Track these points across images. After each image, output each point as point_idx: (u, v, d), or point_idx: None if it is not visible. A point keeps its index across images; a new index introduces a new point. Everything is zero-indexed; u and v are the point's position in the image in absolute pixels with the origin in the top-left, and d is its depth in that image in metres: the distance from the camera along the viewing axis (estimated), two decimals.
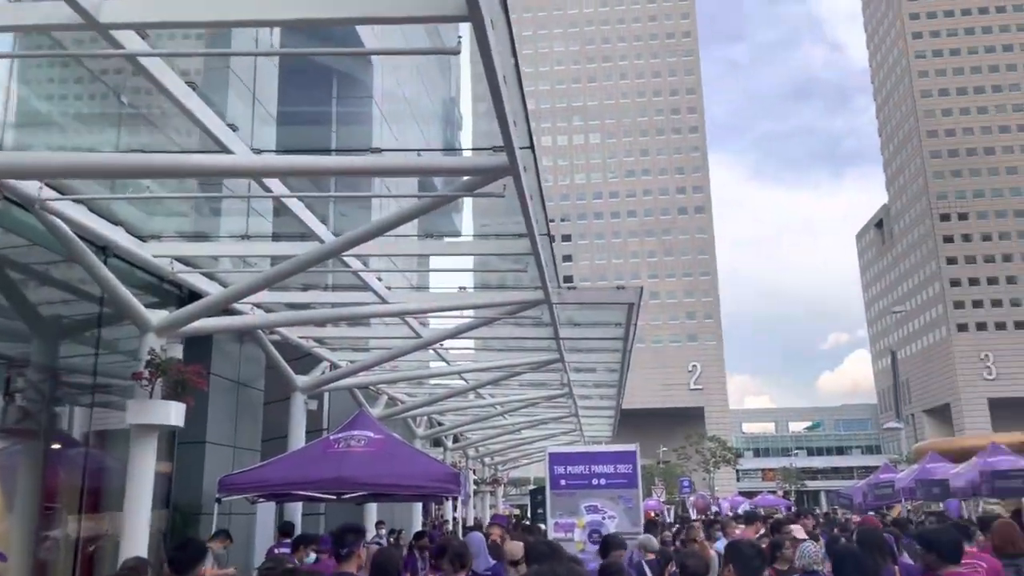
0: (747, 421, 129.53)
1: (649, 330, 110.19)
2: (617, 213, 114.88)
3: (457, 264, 9.16)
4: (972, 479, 12.92)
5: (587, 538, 6.49)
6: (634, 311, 8.92)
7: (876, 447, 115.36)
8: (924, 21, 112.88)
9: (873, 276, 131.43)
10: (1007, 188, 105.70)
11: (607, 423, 20.99)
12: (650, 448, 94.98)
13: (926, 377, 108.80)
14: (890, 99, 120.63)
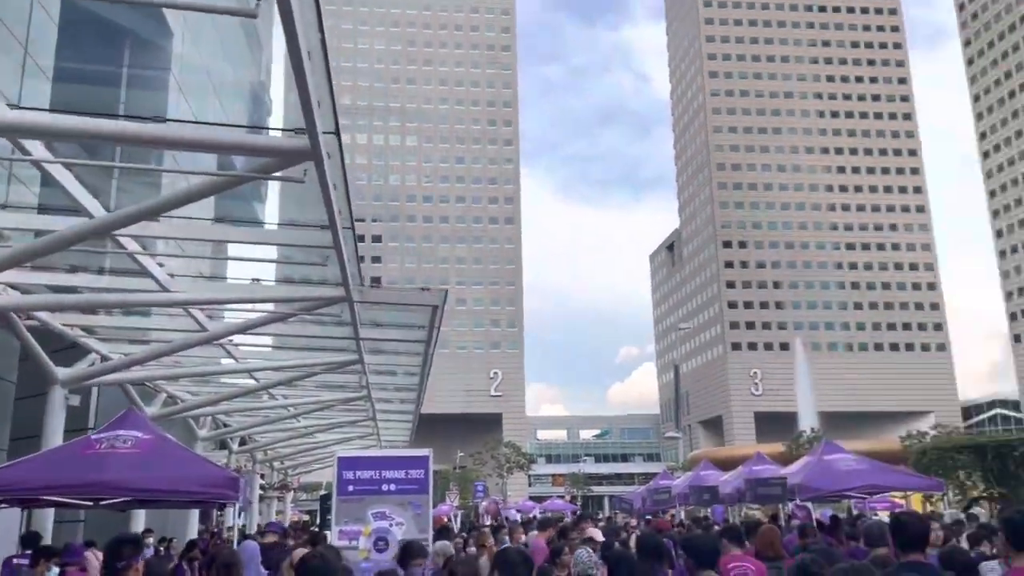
0: (542, 428, 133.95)
1: (454, 336, 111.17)
2: (430, 218, 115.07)
3: (254, 254, 8.55)
4: (738, 486, 13.99)
5: (372, 546, 6.22)
6: (437, 314, 8.76)
7: (657, 455, 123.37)
8: (720, 62, 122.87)
9: (663, 295, 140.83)
10: (781, 222, 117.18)
11: (405, 428, 20.69)
12: (448, 453, 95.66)
13: (703, 391, 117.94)
14: (687, 131, 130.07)
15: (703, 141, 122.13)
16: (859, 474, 11.85)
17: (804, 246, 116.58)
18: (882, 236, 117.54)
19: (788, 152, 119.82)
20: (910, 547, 4.99)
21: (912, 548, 5.00)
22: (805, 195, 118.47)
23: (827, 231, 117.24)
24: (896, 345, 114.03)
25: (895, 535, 5.17)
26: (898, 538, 5.09)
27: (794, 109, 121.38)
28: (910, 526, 5.06)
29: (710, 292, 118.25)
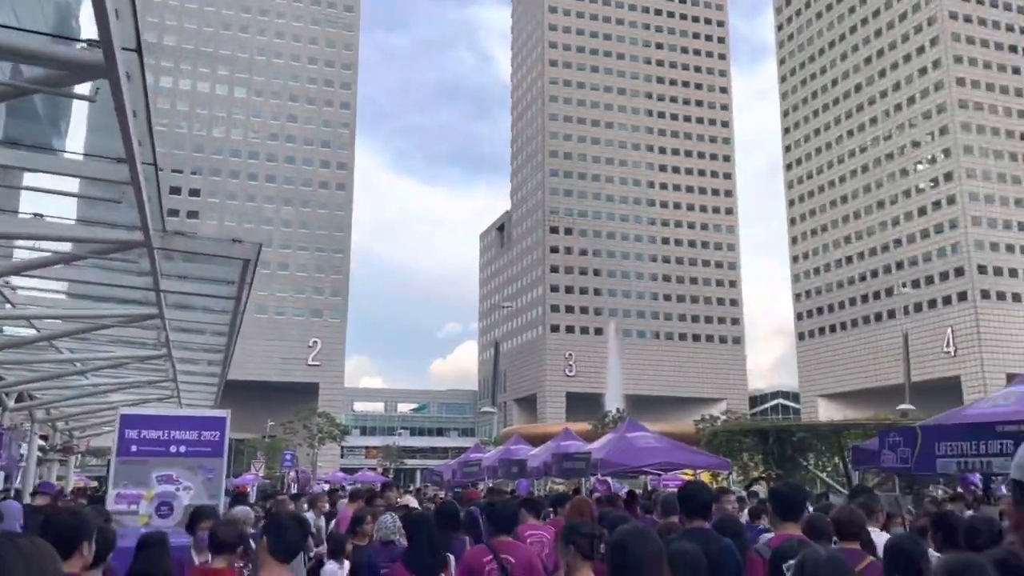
0: (359, 400, 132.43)
1: (273, 301, 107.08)
2: (255, 176, 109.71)
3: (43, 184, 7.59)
4: (545, 460, 14.40)
5: (155, 511, 5.72)
6: (250, 269, 8.22)
7: (472, 430, 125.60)
8: (560, 51, 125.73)
9: (490, 274, 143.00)
10: (605, 213, 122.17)
11: (211, 392, 19.57)
12: (260, 421, 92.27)
13: (521, 369, 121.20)
14: (524, 115, 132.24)
15: (539, 127, 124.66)
16: (656, 451, 12.53)
17: (624, 237, 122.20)
18: (693, 234, 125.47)
19: (617, 146, 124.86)
20: (695, 514, 5.35)
21: (697, 515, 5.35)
22: (629, 189, 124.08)
23: (646, 225, 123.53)
24: (698, 336, 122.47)
25: (682, 504, 5.50)
26: (684, 506, 5.44)
27: (625, 106, 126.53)
28: (696, 495, 5.41)
29: (535, 275, 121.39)
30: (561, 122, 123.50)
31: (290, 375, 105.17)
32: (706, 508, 5.41)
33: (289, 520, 3.35)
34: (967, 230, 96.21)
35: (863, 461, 7.94)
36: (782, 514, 5.05)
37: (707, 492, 5.53)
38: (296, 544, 3.38)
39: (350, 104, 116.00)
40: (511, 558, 5.28)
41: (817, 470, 19.53)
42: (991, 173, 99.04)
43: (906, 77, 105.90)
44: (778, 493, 5.20)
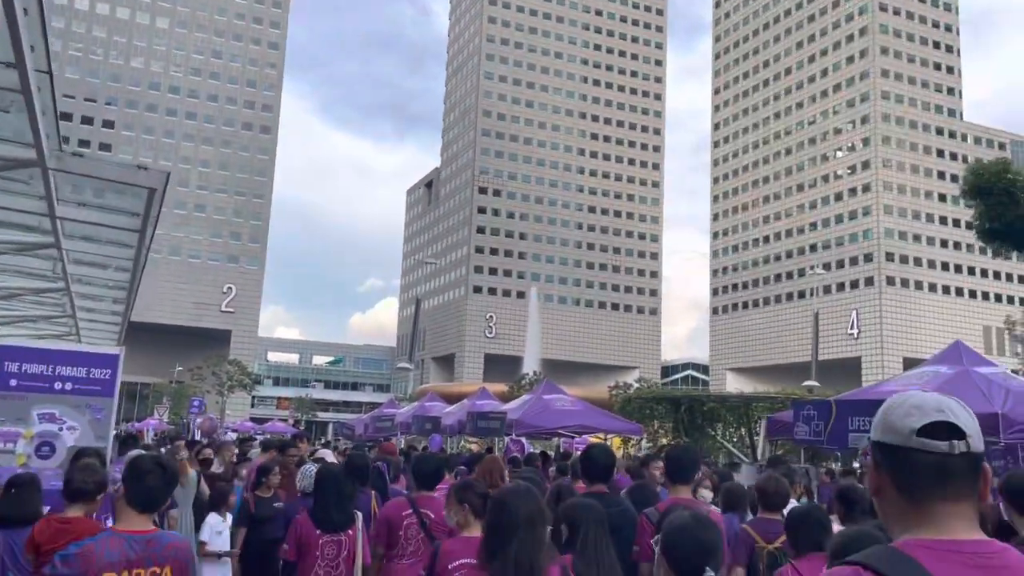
0: (273, 350, 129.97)
1: (188, 243, 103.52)
2: (174, 111, 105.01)
3: None
4: (460, 418, 14.25)
5: (34, 451, 5.27)
6: (156, 200, 7.66)
7: (387, 386, 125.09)
8: (500, 9, 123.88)
9: (415, 231, 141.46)
10: (535, 177, 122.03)
11: (113, 331, 18.66)
12: (166, 366, 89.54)
13: (441, 328, 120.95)
14: (459, 72, 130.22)
15: (473, 84, 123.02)
16: (571, 415, 12.52)
17: (552, 203, 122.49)
18: (619, 204, 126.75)
19: (551, 111, 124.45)
20: (596, 478, 5.28)
21: (597, 479, 5.28)
22: (559, 155, 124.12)
23: (574, 192, 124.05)
24: (617, 305, 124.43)
25: (583, 467, 5.44)
26: (585, 469, 5.38)
27: (561, 70, 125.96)
28: (596, 459, 5.34)
29: (460, 235, 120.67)
30: (496, 82, 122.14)
31: (202, 321, 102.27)
32: (606, 472, 5.37)
33: (150, 465, 3.05)
34: (879, 218, 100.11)
35: (777, 432, 8.05)
36: (673, 476, 5.02)
37: (607, 456, 5.48)
38: (158, 492, 3.09)
39: (279, 44, 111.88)
40: (431, 513, 5.20)
41: (724, 440, 20.05)
42: (906, 164, 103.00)
43: (834, 64, 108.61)
44: (670, 456, 5.16)
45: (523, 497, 3.38)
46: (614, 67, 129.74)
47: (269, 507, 6.86)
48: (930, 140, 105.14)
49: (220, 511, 6.65)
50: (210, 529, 6.50)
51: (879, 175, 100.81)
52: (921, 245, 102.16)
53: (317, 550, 5.19)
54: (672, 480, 4.93)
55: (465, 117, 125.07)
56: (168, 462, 3.11)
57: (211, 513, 6.60)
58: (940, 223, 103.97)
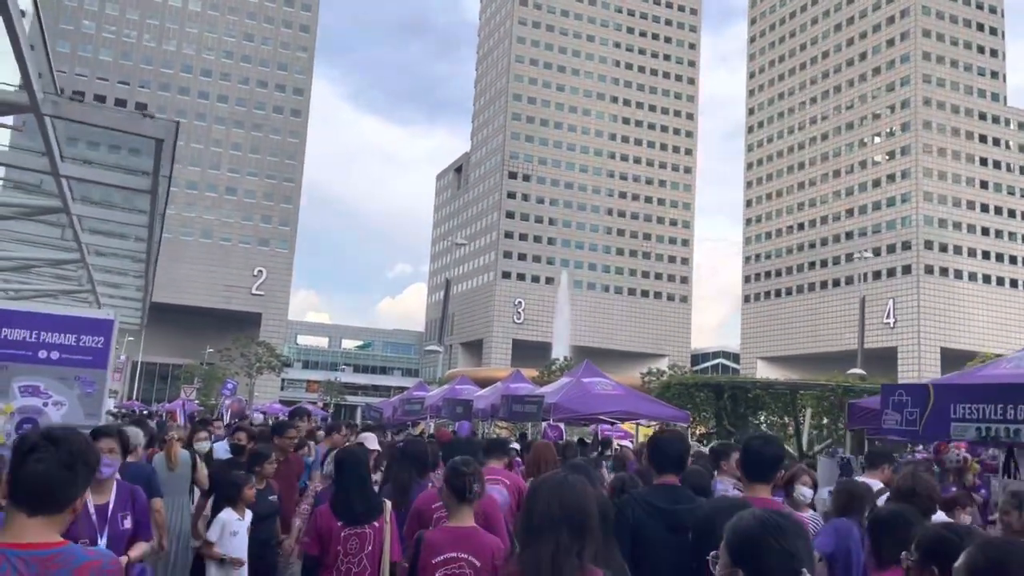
0: (303, 334, 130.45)
1: (219, 226, 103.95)
2: (206, 94, 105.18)
3: None
4: (493, 402, 13.50)
5: (14, 429, 4.58)
6: (166, 154, 6.93)
7: (416, 371, 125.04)
8: None
9: (444, 216, 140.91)
10: (565, 162, 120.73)
11: (136, 307, 18.13)
12: (198, 348, 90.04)
13: (470, 314, 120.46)
14: (490, 55, 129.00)
15: (504, 67, 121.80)
16: (613, 399, 11.70)
17: (582, 188, 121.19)
18: (651, 189, 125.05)
19: (582, 95, 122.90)
20: (665, 468, 4.43)
21: (668, 469, 4.49)
22: (591, 139, 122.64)
23: (604, 177, 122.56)
24: (647, 292, 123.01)
25: (651, 455, 4.65)
26: (654, 458, 4.53)
27: (593, 54, 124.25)
28: (668, 445, 4.54)
29: (490, 220, 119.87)
30: (527, 65, 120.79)
31: (232, 303, 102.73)
32: (678, 461, 4.55)
33: (35, 440, 2.01)
34: (918, 205, 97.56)
35: (861, 421, 7.13)
36: (751, 472, 4.15)
37: (679, 442, 4.63)
38: (50, 482, 2.00)
39: (310, 28, 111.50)
40: None
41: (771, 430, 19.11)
42: (947, 150, 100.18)
43: (873, 47, 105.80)
44: (749, 448, 4.25)
45: (556, 491, 2.77)
46: (647, 51, 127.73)
47: (262, 502, 6.04)
48: (972, 125, 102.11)
49: (236, 506, 5.75)
50: (222, 528, 5.58)
51: (919, 161, 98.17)
52: (961, 233, 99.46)
53: (338, 544, 4.53)
54: (749, 477, 4.08)
55: (495, 101, 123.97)
56: (68, 436, 2.01)
57: (226, 509, 5.70)
58: (981, 211, 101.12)
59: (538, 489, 2.83)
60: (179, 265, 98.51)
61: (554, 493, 2.76)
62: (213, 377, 66.60)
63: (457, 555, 3.65)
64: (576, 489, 2.79)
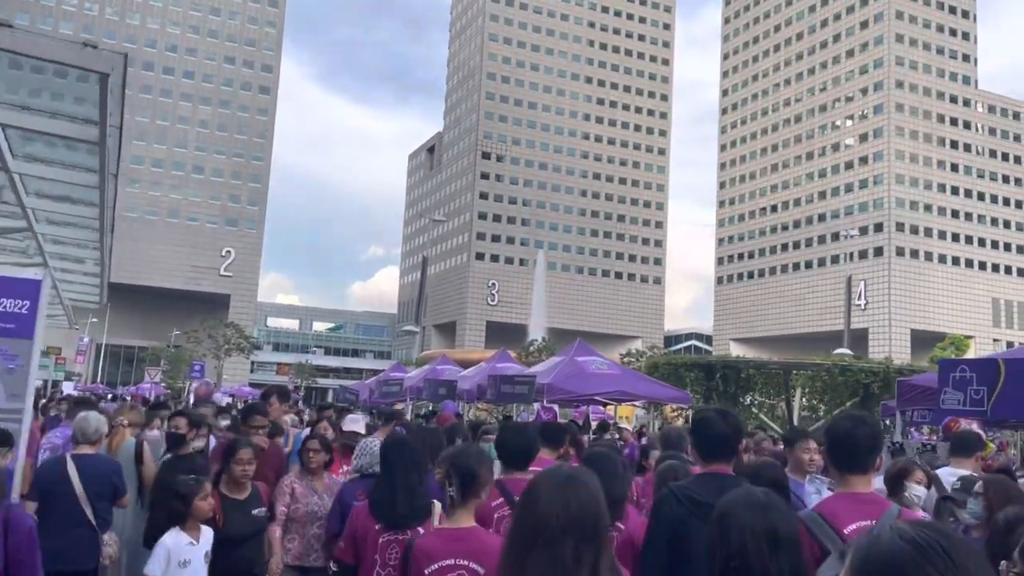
0: (273, 316, 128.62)
1: (186, 205, 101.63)
2: (171, 69, 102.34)
3: None
4: (480, 383, 12.69)
5: None
6: (113, 93, 5.95)
7: (388, 353, 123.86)
8: None
9: (417, 196, 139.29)
10: (539, 142, 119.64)
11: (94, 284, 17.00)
12: (164, 330, 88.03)
13: (443, 295, 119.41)
14: (463, 33, 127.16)
15: (477, 46, 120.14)
16: (610, 379, 10.95)
17: (556, 169, 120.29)
18: (625, 171, 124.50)
19: (556, 75, 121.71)
20: (714, 454, 3.61)
21: (716, 455, 3.64)
22: (565, 120, 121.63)
23: (579, 158, 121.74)
24: (620, 274, 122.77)
25: (695, 439, 3.82)
26: (698, 442, 3.69)
27: (568, 33, 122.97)
28: (716, 425, 3.71)
29: (463, 200, 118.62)
30: (501, 44, 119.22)
31: (200, 284, 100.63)
32: (729, 444, 3.72)
33: None
34: (890, 187, 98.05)
35: (912, 401, 6.37)
36: (841, 461, 3.27)
37: (729, 421, 3.77)
38: None
39: (278, 2, 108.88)
40: None
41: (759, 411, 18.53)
42: (919, 133, 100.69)
43: (847, 29, 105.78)
44: (836, 432, 3.34)
45: (562, 489, 2.15)
46: (621, 31, 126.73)
47: (241, 517, 4.63)
48: (944, 108, 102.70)
49: (186, 525, 4.22)
50: (167, 557, 4.10)
51: (891, 143, 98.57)
52: (932, 215, 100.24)
53: (375, 551, 3.76)
54: (840, 467, 3.21)
55: (469, 80, 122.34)
56: None
57: (171, 530, 4.21)
58: (952, 193, 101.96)
59: (539, 486, 2.19)
60: (145, 245, 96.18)
61: (560, 491, 2.13)
62: (180, 360, 65.01)
63: (456, 562, 3.03)
64: (588, 486, 2.20)
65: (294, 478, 5.32)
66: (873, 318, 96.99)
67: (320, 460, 5.38)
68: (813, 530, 2.93)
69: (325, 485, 5.35)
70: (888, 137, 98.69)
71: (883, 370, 17.20)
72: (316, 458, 5.34)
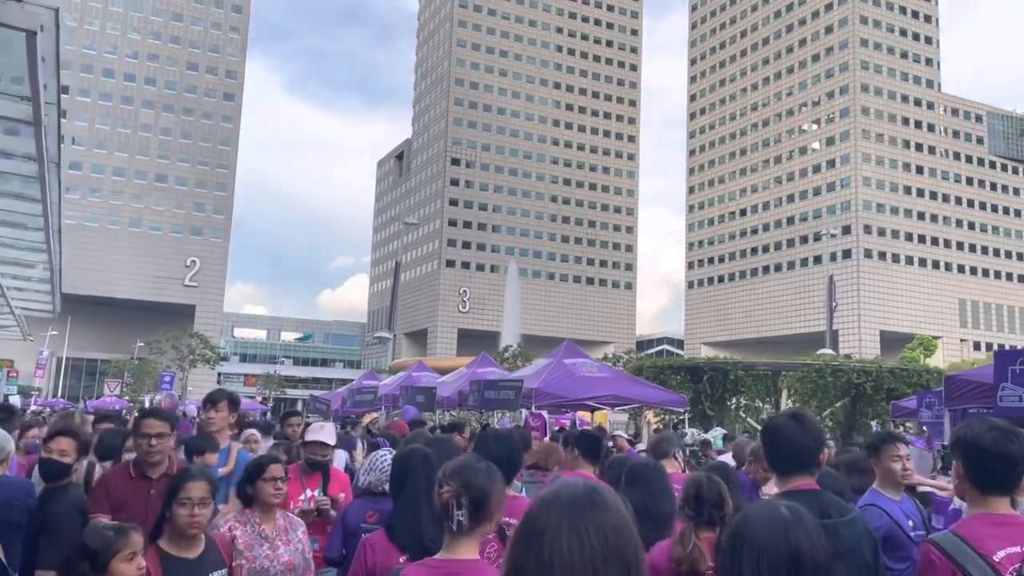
0: (240, 326, 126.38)
1: (149, 215, 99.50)
2: (132, 76, 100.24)
3: None
4: (461, 389, 11.93)
5: None
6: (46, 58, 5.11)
7: (358, 362, 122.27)
8: None
9: (386, 204, 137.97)
10: (508, 148, 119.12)
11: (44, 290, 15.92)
12: (128, 343, 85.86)
13: (414, 303, 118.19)
14: (431, 39, 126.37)
15: (445, 52, 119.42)
16: (603, 382, 10.25)
17: (526, 175, 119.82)
18: (594, 176, 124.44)
19: (525, 80, 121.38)
20: (794, 466, 2.99)
21: (797, 468, 2.99)
22: (534, 125, 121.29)
23: (548, 164, 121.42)
24: (591, 279, 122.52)
25: (770, 449, 3.11)
26: (776, 453, 3.07)
27: (536, 39, 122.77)
28: (792, 434, 3.02)
29: (433, 207, 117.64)
30: (469, 49, 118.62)
31: (164, 295, 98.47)
32: (810, 456, 3.04)
33: None
34: (858, 190, 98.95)
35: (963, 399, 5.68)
36: (979, 477, 2.58)
37: (812, 428, 3.09)
38: None
39: (242, 7, 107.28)
40: (514, 520, 3.24)
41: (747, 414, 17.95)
42: (884, 136, 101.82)
43: (812, 34, 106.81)
44: (966, 440, 2.60)
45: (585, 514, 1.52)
46: (589, 36, 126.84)
47: None
48: (908, 111, 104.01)
49: None
50: None
51: (858, 146, 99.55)
52: (899, 217, 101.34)
53: None
54: (977, 484, 2.52)
55: (437, 86, 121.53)
56: None
57: None
58: (917, 195, 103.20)
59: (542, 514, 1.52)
60: (106, 256, 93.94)
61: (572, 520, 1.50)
62: (144, 372, 63.21)
63: None
64: (611, 511, 1.53)
65: (234, 520, 3.72)
66: (843, 320, 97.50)
67: (283, 494, 3.82)
68: (955, 556, 2.27)
69: (278, 528, 3.73)
70: (855, 140, 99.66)
71: (875, 369, 16.75)
72: (277, 493, 3.75)
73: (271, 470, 3.74)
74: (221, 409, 5.21)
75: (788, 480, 2.96)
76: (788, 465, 2.98)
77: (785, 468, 2.98)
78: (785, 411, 3.38)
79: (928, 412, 6.72)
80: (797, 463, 2.96)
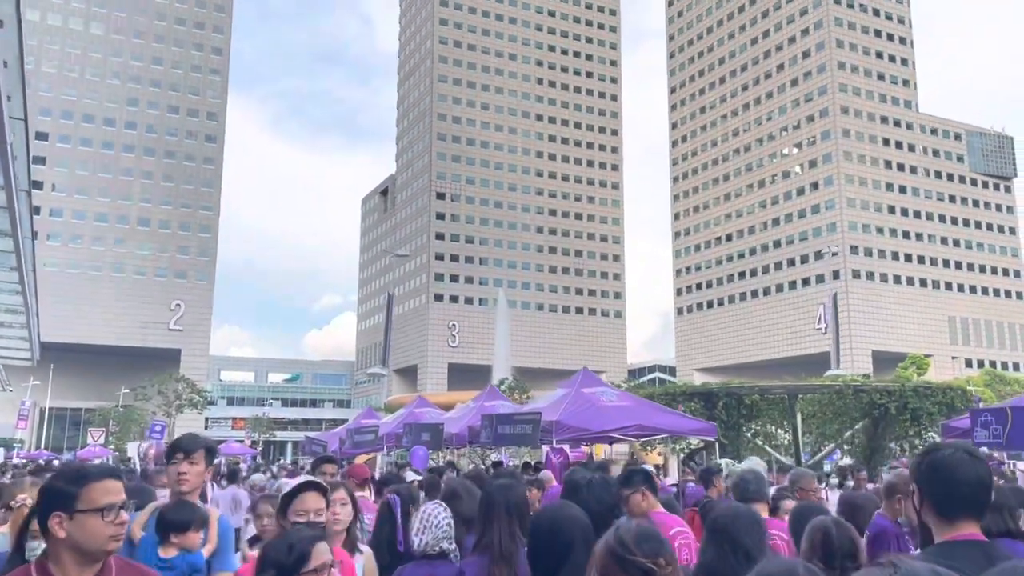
0: (227, 369, 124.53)
1: (132, 259, 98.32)
2: (112, 120, 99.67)
3: None
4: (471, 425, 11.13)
5: None
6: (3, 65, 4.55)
7: (348, 402, 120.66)
8: (452, 10, 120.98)
9: (371, 240, 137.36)
10: (493, 181, 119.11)
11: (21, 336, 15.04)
12: (111, 390, 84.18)
13: (403, 339, 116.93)
14: (413, 74, 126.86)
15: (427, 87, 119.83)
16: (626, 412, 9.52)
17: (511, 207, 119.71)
18: (580, 206, 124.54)
19: (507, 113, 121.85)
20: (956, 510, 2.39)
21: (962, 510, 2.38)
22: (518, 158, 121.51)
23: (533, 195, 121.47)
24: (581, 309, 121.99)
25: (928, 489, 2.40)
26: (935, 493, 2.43)
27: (516, 72, 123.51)
28: (956, 470, 2.34)
29: (419, 242, 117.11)
30: (450, 84, 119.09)
31: (149, 340, 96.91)
32: (982, 498, 2.35)
33: None
34: (843, 211, 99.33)
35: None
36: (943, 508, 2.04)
37: (979, 464, 2.40)
38: None
39: (222, 50, 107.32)
40: None
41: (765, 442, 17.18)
42: (866, 157, 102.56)
43: (790, 59, 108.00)
44: None
45: None
46: (568, 68, 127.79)
47: None
48: (888, 132, 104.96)
49: None
50: None
51: (840, 168, 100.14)
52: (884, 237, 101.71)
53: None
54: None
55: (420, 122, 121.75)
56: None
57: None
58: (901, 214, 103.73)
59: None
60: (88, 303, 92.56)
61: None
62: (130, 420, 61.69)
63: None
64: None
65: None
66: (834, 342, 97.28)
67: None
68: None
69: None
70: (837, 162, 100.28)
71: (898, 389, 16.04)
72: None
73: (316, 555, 2.42)
74: (197, 461, 3.73)
75: (952, 525, 2.27)
76: (955, 506, 2.29)
77: (950, 510, 2.29)
78: (949, 443, 2.65)
79: (984, 432, 6.31)
80: (966, 505, 2.29)
